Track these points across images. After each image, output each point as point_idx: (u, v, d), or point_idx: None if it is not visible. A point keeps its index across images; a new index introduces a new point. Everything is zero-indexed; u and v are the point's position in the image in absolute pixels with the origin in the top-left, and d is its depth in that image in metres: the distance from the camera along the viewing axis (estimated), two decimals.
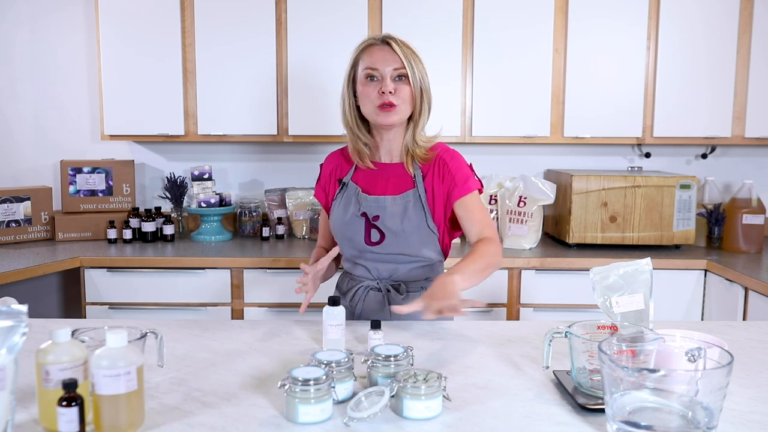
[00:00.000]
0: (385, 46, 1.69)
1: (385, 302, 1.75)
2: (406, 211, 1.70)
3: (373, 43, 1.71)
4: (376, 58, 1.68)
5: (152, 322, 1.72)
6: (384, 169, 1.76)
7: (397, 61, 1.66)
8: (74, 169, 3.18)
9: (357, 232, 1.73)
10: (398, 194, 1.72)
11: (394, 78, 1.67)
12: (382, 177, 1.76)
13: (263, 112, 3.03)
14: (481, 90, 3.01)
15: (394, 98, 1.66)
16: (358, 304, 1.78)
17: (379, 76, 1.67)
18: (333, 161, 1.86)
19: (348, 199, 1.76)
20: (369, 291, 1.77)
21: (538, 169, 3.40)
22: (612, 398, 1.02)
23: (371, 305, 1.77)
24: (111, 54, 3.00)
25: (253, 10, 2.97)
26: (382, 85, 1.66)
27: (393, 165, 1.76)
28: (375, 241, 1.72)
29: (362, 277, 1.79)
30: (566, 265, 2.80)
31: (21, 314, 0.97)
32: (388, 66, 1.66)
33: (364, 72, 1.69)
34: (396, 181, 1.74)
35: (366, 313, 1.77)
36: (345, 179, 1.79)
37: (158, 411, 1.15)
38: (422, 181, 1.73)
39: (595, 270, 1.29)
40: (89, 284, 2.81)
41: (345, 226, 1.74)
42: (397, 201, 1.71)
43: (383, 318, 1.74)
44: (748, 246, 2.94)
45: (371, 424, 1.09)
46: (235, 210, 3.32)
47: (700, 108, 3.02)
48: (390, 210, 1.70)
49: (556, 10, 2.98)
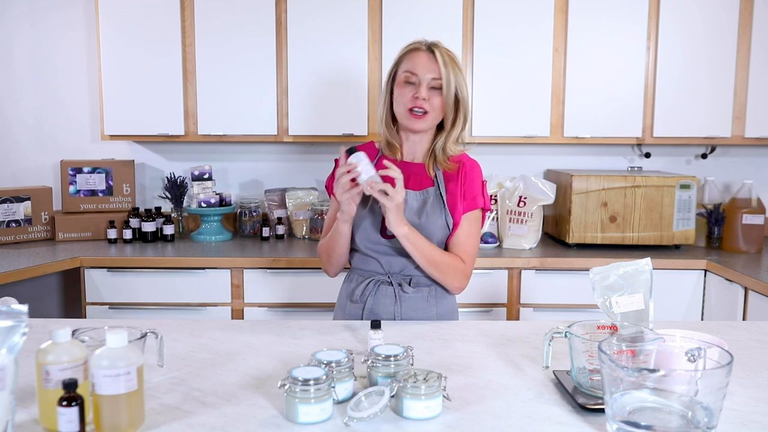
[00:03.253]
0: (428, 53, 1.72)
1: (395, 296, 1.76)
2: (425, 206, 1.74)
3: (418, 48, 1.75)
4: (416, 63, 1.72)
5: (152, 322, 1.71)
6: (405, 167, 1.79)
7: (437, 70, 1.70)
8: (74, 169, 3.18)
9: (374, 222, 1.74)
10: (419, 190, 1.76)
11: (431, 87, 1.71)
12: (403, 173, 1.78)
13: (263, 112, 3.03)
14: (481, 90, 3.01)
15: (427, 105, 1.71)
16: (368, 298, 1.78)
17: (416, 81, 1.71)
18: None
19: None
20: (380, 285, 1.78)
21: (538, 169, 3.40)
22: (612, 398, 1.02)
23: (382, 299, 1.77)
24: (111, 54, 3.00)
25: (253, 10, 2.97)
26: (418, 90, 1.70)
27: (414, 164, 1.81)
28: (391, 234, 1.73)
29: (373, 272, 1.79)
30: (566, 265, 2.80)
31: (21, 314, 0.97)
32: (427, 73, 1.71)
33: (404, 75, 1.73)
34: (416, 178, 1.79)
35: (377, 306, 1.77)
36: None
37: (158, 411, 1.15)
38: (443, 182, 1.78)
39: (595, 270, 1.29)
40: (89, 284, 2.81)
41: (361, 218, 1.75)
42: (417, 196, 1.76)
43: (394, 312, 1.75)
44: (748, 246, 2.94)
45: (371, 424, 1.09)
46: (235, 210, 3.32)
47: (700, 108, 3.02)
48: (410, 203, 1.74)
49: (556, 9, 2.98)
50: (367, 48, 2.98)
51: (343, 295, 1.88)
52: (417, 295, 1.77)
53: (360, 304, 1.79)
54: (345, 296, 1.86)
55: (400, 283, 1.77)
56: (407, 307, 1.77)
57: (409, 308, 1.77)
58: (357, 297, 1.78)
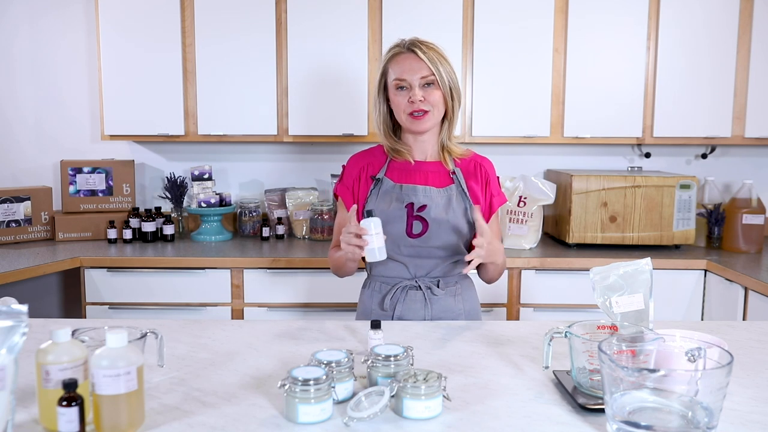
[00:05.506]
0: (411, 54, 1.72)
1: (425, 300, 1.75)
2: (450, 203, 1.75)
3: (399, 52, 1.74)
4: (403, 68, 1.71)
5: (152, 322, 1.71)
6: (421, 166, 1.79)
7: (424, 68, 1.70)
8: (74, 169, 3.18)
9: (399, 223, 1.73)
10: (441, 187, 1.77)
11: (423, 85, 1.71)
12: (421, 172, 1.79)
13: (263, 112, 3.03)
14: (481, 90, 3.01)
15: (425, 105, 1.71)
16: (397, 305, 1.76)
17: (407, 85, 1.71)
18: (361, 161, 1.85)
19: (386, 193, 1.77)
20: (408, 291, 1.76)
21: (538, 169, 3.40)
22: (612, 398, 1.02)
23: (411, 304, 1.75)
24: (111, 54, 3.00)
25: (253, 10, 2.97)
26: (411, 94, 1.70)
27: (430, 162, 1.81)
28: (417, 233, 1.72)
29: (398, 277, 1.78)
30: (566, 265, 2.80)
31: (21, 314, 0.97)
32: (415, 75, 1.70)
33: (394, 82, 1.73)
34: (435, 176, 1.79)
35: (406, 312, 1.75)
36: (379, 175, 1.80)
37: (158, 411, 1.15)
38: (463, 177, 1.79)
39: (595, 270, 1.29)
40: (89, 284, 2.81)
41: (385, 220, 1.71)
42: (441, 193, 1.76)
43: (424, 315, 1.75)
44: (748, 246, 2.94)
45: (371, 424, 1.09)
46: (235, 210, 3.32)
47: (700, 108, 3.02)
48: (436, 200, 1.74)
49: (556, 9, 2.98)
50: (367, 48, 2.98)
51: (366, 302, 1.84)
52: (446, 296, 1.77)
53: (389, 311, 1.77)
54: (369, 303, 1.82)
55: (429, 287, 1.76)
56: (437, 309, 1.76)
57: (439, 309, 1.77)
58: (387, 305, 1.76)
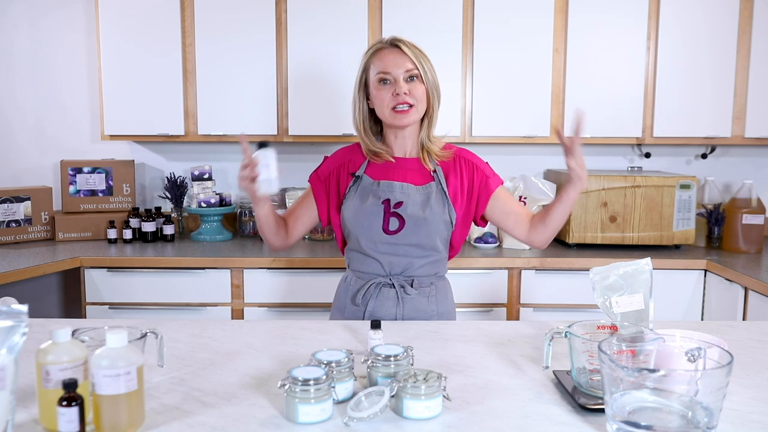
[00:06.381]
0: (394, 49, 1.73)
1: (397, 298, 1.75)
2: (428, 200, 1.74)
3: (382, 47, 1.75)
4: (387, 62, 1.71)
5: (152, 322, 1.71)
6: (401, 163, 1.79)
7: (408, 62, 1.71)
8: (74, 169, 3.18)
9: (375, 220, 1.73)
10: (420, 185, 1.76)
11: (407, 79, 1.71)
12: (400, 169, 1.78)
13: (263, 112, 3.03)
14: (481, 90, 3.01)
15: (410, 98, 1.70)
16: (369, 301, 1.77)
17: (391, 79, 1.71)
18: (343, 156, 1.85)
19: (364, 189, 1.77)
20: (381, 288, 1.77)
21: (538, 169, 3.40)
22: (612, 398, 1.02)
23: (383, 301, 1.76)
24: (111, 53, 3.00)
25: (253, 10, 2.97)
26: (396, 87, 1.70)
27: (409, 159, 1.80)
28: (393, 230, 1.72)
29: (373, 273, 1.78)
30: (566, 265, 2.80)
31: (21, 314, 0.97)
32: (399, 68, 1.70)
33: (377, 76, 1.72)
34: (414, 174, 1.78)
35: (378, 309, 1.76)
36: (359, 172, 1.80)
37: (158, 411, 1.15)
38: (443, 176, 1.77)
39: (595, 270, 1.29)
40: (89, 284, 2.81)
41: (362, 215, 1.74)
42: (420, 190, 1.75)
43: (395, 313, 1.75)
44: (747, 246, 2.94)
45: (371, 424, 1.09)
46: (235, 210, 3.32)
47: (700, 108, 3.02)
48: (413, 197, 1.74)
49: (556, 9, 2.98)
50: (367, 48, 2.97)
51: (341, 296, 1.85)
52: (419, 296, 1.77)
53: (361, 307, 1.78)
54: (344, 298, 1.84)
55: (403, 285, 1.76)
56: (409, 308, 1.76)
57: (411, 309, 1.76)
58: (359, 300, 1.77)
